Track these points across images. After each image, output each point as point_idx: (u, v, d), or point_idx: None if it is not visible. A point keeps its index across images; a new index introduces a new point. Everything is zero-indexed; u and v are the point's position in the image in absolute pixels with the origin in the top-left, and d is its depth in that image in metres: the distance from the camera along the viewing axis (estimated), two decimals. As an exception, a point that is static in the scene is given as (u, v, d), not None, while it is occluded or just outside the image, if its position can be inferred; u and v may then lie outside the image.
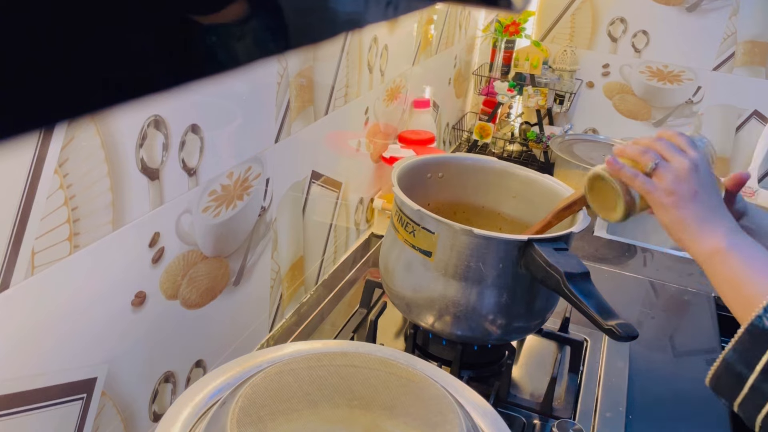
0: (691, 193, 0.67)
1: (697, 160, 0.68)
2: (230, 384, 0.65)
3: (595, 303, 0.75)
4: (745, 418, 0.58)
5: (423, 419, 0.59)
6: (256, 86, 0.85)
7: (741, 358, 0.57)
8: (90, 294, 0.64)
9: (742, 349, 0.57)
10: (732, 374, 0.57)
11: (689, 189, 0.67)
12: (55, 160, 0.56)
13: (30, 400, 0.60)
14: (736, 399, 0.57)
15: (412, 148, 1.36)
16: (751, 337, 0.57)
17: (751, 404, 0.56)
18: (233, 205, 0.85)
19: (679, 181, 0.67)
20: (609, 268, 1.37)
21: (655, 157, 0.69)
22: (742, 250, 0.63)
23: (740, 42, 1.85)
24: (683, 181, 0.67)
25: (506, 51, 1.93)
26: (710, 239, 0.65)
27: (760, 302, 0.57)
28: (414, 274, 0.89)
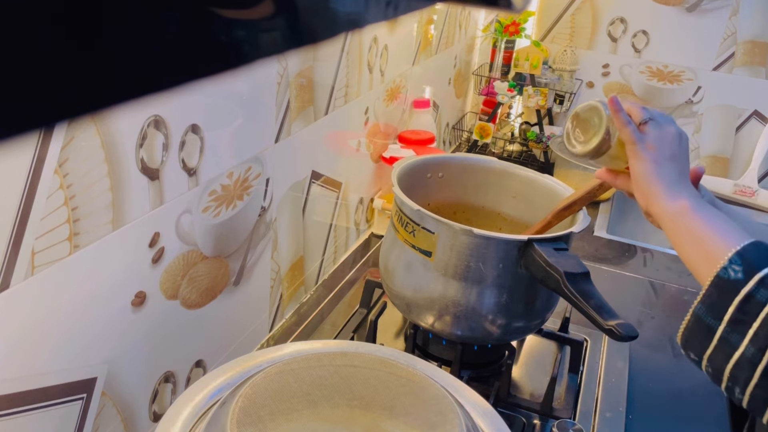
0: (670, 155, 0.70)
1: (682, 132, 0.72)
2: (230, 384, 0.65)
3: (595, 303, 0.75)
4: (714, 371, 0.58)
5: (423, 419, 0.59)
6: (256, 86, 0.85)
7: (709, 311, 0.58)
8: (90, 294, 0.64)
9: (709, 302, 0.58)
10: (702, 327, 0.58)
11: (670, 150, 0.70)
12: (55, 160, 0.56)
13: (30, 400, 0.60)
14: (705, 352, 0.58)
15: (412, 148, 1.36)
16: (717, 289, 0.57)
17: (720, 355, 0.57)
18: (233, 205, 0.85)
19: (663, 140, 0.71)
20: (609, 268, 1.37)
21: (650, 114, 0.73)
22: (706, 212, 0.65)
23: (740, 42, 1.85)
24: (666, 142, 0.71)
25: (506, 51, 1.93)
26: (678, 199, 0.67)
27: (724, 255, 0.58)
28: (414, 274, 0.89)
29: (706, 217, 0.65)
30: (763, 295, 0.55)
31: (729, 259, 0.58)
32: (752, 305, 0.55)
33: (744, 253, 0.58)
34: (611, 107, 0.73)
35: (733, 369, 0.56)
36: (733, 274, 0.57)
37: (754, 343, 0.55)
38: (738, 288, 0.56)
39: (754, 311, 0.55)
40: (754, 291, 0.55)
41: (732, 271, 0.57)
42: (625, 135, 0.72)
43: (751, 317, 0.55)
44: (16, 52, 0.13)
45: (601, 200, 1.68)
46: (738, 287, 0.56)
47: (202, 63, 0.18)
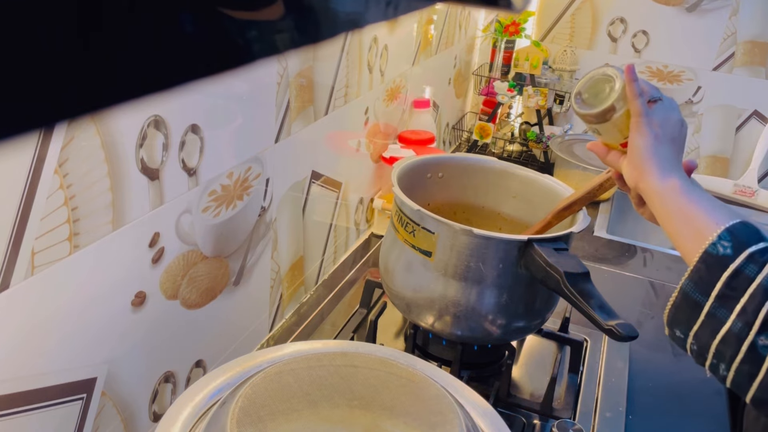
0: (671, 137, 0.71)
1: (684, 121, 0.73)
2: (230, 384, 0.65)
3: (595, 303, 0.75)
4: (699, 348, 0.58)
5: (423, 419, 0.59)
6: (256, 86, 0.85)
7: (697, 287, 0.58)
8: (90, 294, 0.64)
9: (697, 278, 0.58)
10: (689, 303, 0.58)
11: (671, 133, 0.71)
12: (55, 160, 0.56)
13: (30, 400, 0.60)
14: (692, 328, 0.58)
15: (412, 148, 1.36)
16: (705, 265, 0.58)
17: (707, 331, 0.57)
18: (233, 205, 0.85)
19: (668, 121, 0.71)
20: (609, 268, 1.37)
21: (660, 95, 0.73)
22: (697, 192, 0.66)
23: (740, 42, 1.85)
24: (670, 124, 0.71)
25: (506, 51, 1.93)
26: (669, 177, 0.68)
27: (714, 231, 0.58)
28: (414, 274, 0.89)
29: (697, 197, 0.65)
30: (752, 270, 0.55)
31: (718, 235, 0.58)
32: (740, 280, 0.55)
33: (733, 230, 0.58)
34: (627, 75, 0.73)
35: (719, 344, 0.56)
36: (722, 250, 0.57)
37: (741, 318, 0.54)
38: (726, 263, 0.56)
39: (742, 286, 0.55)
40: (742, 266, 0.55)
41: (721, 246, 0.57)
42: (634, 106, 0.72)
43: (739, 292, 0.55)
44: (17, 52, 0.13)
45: (601, 200, 1.68)
46: (726, 263, 0.56)
47: (202, 63, 0.18)
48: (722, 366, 0.56)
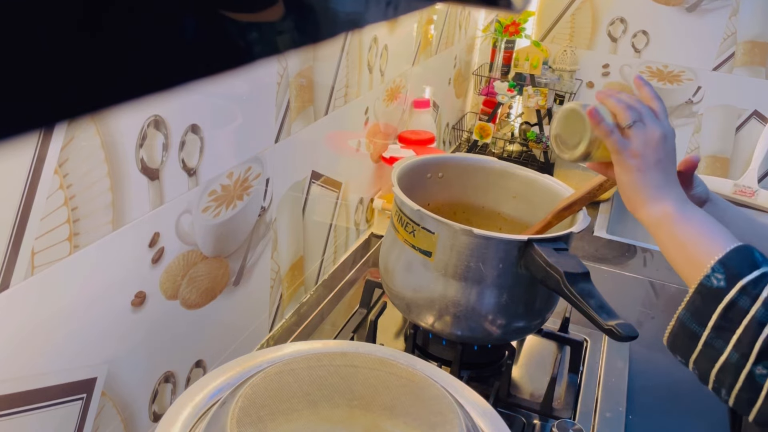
0: (655, 161, 0.69)
1: (668, 131, 0.71)
2: (230, 384, 0.65)
3: (595, 303, 0.75)
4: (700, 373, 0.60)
5: (423, 419, 0.59)
6: (256, 86, 0.85)
7: (693, 317, 0.59)
8: (90, 294, 0.64)
9: (693, 309, 0.59)
10: (686, 333, 0.60)
11: (655, 156, 0.69)
12: (55, 160, 0.56)
13: (30, 400, 0.60)
14: (691, 356, 0.60)
15: (412, 148, 1.36)
16: (701, 296, 0.59)
17: (705, 359, 0.58)
18: (233, 205, 0.85)
19: (648, 146, 0.69)
20: (609, 268, 1.37)
21: (635, 116, 0.71)
22: (691, 217, 0.66)
23: (740, 42, 1.85)
24: (651, 148, 0.69)
25: (506, 51, 1.93)
26: (662, 205, 0.67)
27: (708, 262, 0.59)
28: (414, 274, 0.89)
29: (690, 222, 0.65)
30: (745, 303, 0.56)
31: (711, 267, 0.59)
32: (735, 312, 0.56)
33: (726, 261, 0.58)
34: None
35: (718, 373, 0.57)
36: (716, 282, 0.58)
37: (738, 349, 0.56)
38: (721, 296, 0.57)
39: (737, 318, 0.56)
40: (736, 298, 0.56)
41: (715, 279, 0.58)
42: (608, 144, 0.71)
43: (734, 324, 0.56)
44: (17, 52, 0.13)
45: (601, 200, 1.68)
46: (721, 295, 0.57)
47: (202, 63, 0.18)
48: (723, 391, 0.58)
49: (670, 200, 0.67)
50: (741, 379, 0.56)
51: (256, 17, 0.19)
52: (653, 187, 0.69)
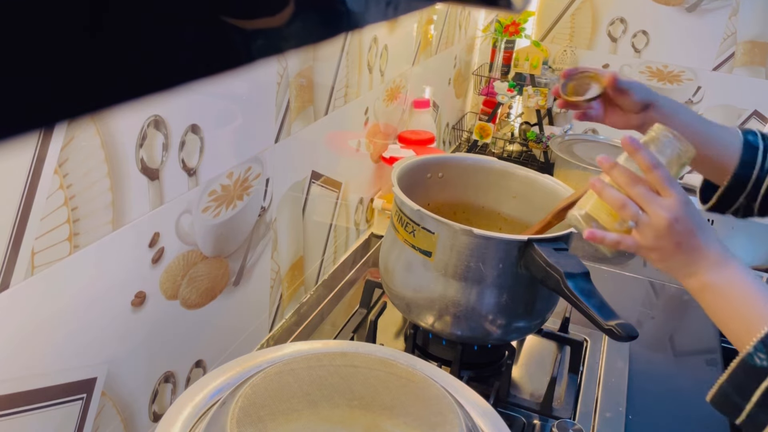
0: (674, 246, 0.67)
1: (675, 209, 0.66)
2: (230, 384, 0.65)
3: (595, 303, 0.75)
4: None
5: (423, 419, 0.59)
6: (256, 86, 0.85)
7: (736, 391, 0.61)
8: (90, 294, 0.64)
9: (736, 382, 0.61)
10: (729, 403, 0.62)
11: (671, 243, 0.67)
12: (55, 160, 0.56)
13: (30, 400, 0.60)
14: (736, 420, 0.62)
15: (412, 148, 1.36)
16: (744, 372, 0.60)
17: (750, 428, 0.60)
18: (233, 205, 0.85)
19: (660, 237, 0.67)
20: (609, 268, 1.37)
21: (634, 211, 0.68)
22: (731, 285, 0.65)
23: (740, 42, 1.85)
24: (664, 237, 0.67)
25: (506, 51, 1.93)
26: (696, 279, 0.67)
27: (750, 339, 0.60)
28: (414, 274, 0.89)
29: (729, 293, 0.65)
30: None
31: (754, 346, 0.59)
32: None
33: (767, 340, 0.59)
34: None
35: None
36: (758, 362, 0.59)
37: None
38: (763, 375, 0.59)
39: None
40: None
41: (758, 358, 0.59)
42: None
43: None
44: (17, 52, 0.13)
45: (601, 200, 1.67)
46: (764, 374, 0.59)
47: (202, 63, 0.18)
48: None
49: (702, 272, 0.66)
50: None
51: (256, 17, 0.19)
52: (683, 266, 0.67)
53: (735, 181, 0.82)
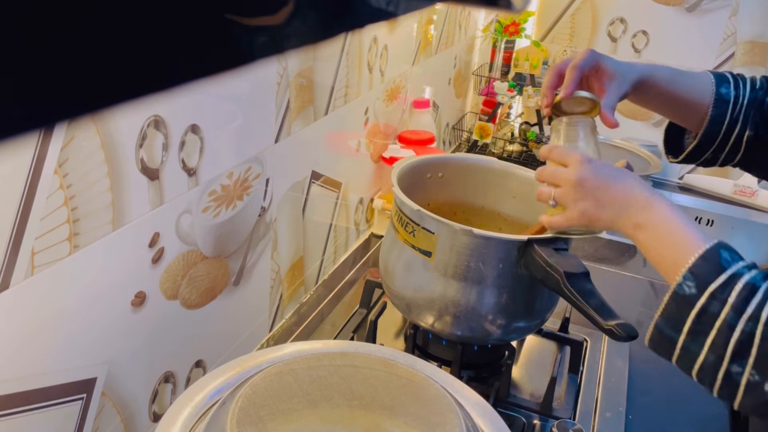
0: (594, 204, 0.73)
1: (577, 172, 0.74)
2: (230, 384, 0.65)
3: (595, 303, 0.75)
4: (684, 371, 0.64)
5: (423, 419, 0.59)
6: (256, 86, 0.85)
7: (669, 324, 0.62)
8: (90, 294, 0.64)
9: (669, 315, 0.63)
10: (664, 338, 0.63)
11: (589, 202, 0.73)
12: (55, 160, 0.56)
13: (30, 400, 0.60)
14: (672, 358, 0.63)
15: (412, 148, 1.36)
16: (675, 303, 0.62)
17: (685, 361, 0.62)
18: (233, 205, 0.85)
19: (576, 201, 0.74)
20: (609, 268, 1.37)
21: (547, 191, 0.77)
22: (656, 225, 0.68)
23: (740, 42, 1.85)
24: (580, 200, 0.73)
25: (506, 51, 1.93)
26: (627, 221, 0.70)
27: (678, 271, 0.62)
28: (414, 274, 0.89)
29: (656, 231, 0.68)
30: (716, 307, 0.59)
31: (683, 275, 0.62)
32: (707, 316, 0.60)
33: (694, 270, 0.61)
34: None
35: (698, 372, 0.61)
36: (687, 290, 0.61)
37: (713, 351, 0.59)
38: (693, 302, 0.61)
39: (709, 322, 0.59)
40: (707, 304, 0.60)
41: (686, 287, 0.61)
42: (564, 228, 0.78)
43: (708, 327, 0.59)
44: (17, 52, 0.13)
45: (601, 200, 1.67)
46: (693, 302, 0.61)
47: (202, 63, 0.18)
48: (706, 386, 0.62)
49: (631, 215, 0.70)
50: (719, 378, 0.59)
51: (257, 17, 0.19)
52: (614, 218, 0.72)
53: (704, 138, 0.85)
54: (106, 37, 0.15)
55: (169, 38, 0.16)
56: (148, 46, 0.16)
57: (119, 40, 0.15)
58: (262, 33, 0.19)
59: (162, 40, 0.16)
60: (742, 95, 0.83)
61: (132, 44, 0.15)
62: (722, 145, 0.85)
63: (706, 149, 0.86)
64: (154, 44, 0.16)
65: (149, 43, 0.16)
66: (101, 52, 0.15)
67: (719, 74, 0.85)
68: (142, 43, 0.16)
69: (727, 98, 0.83)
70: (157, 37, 0.16)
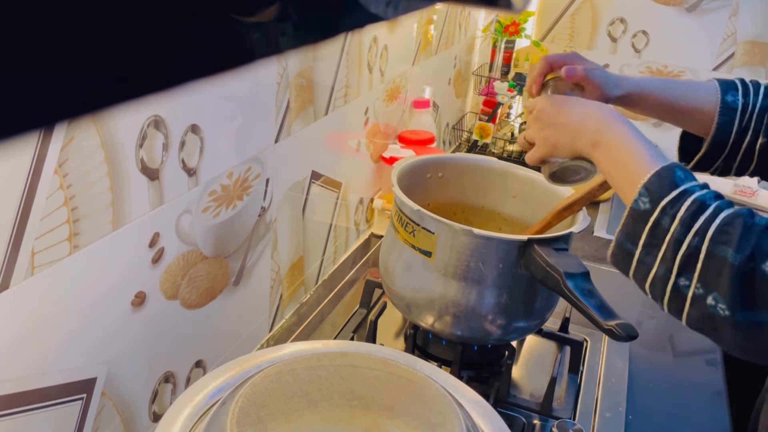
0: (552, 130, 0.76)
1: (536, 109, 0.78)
2: (230, 384, 0.65)
3: (595, 303, 0.75)
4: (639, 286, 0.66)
5: (423, 419, 0.59)
6: (256, 86, 0.85)
7: (627, 238, 0.65)
8: (90, 294, 0.64)
9: (627, 230, 0.65)
10: (623, 252, 0.66)
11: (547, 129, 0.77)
12: (55, 160, 0.56)
13: (30, 400, 0.60)
14: (629, 272, 0.66)
15: (412, 148, 1.36)
16: (632, 219, 0.65)
17: (639, 275, 0.65)
18: (233, 206, 0.85)
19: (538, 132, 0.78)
20: (609, 268, 1.37)
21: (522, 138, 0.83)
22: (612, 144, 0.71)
23: (740, 42, 1.85)
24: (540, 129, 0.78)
25: (506, 51, 1.93)
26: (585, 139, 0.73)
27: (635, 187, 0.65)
28: (414, 274, 0.89)
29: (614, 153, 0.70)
30: (666, 222, 0.62)
31: (638, 192, 0.64)
32: (659, 231, 0.62)
33: (649, 186, 0.64)
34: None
35: (650, 286, 0.64)
36: (642, 206, 0.64)
37: (663, 264, 0.62)
38: (647, 217, 0.63)
39: (661, 236, 0.62)
40: (659, 218, 0.62)
41: (641, 203, 0.64)
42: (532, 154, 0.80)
43: (659, 241, 0.62)
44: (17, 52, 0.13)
45: (601, 200, 1.68)
46: (647, 216, 0.63)
47: (202, 63, 0.18)
48: (658, 301, 0.65)
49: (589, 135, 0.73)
50: (668, 290, 0.62)
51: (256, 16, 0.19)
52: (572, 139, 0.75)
53: (713, 146, 0.85)
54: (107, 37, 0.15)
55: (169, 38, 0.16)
56: (148, 45, 0.16)
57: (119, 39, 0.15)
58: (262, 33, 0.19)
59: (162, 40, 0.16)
60: (752, 103, 0.83)
61: (132, 44, 0.15)
62: (733, 153, 0.85)
63: (716, 157, 0.86)
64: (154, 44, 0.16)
65: (149, 43, 0.16)
66: (101, 52, 0.15)
67: (726, 82, 0.85)
68: (142, 43, 0.16)
69: (734, 106, 0.83)
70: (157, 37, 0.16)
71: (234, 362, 0.69)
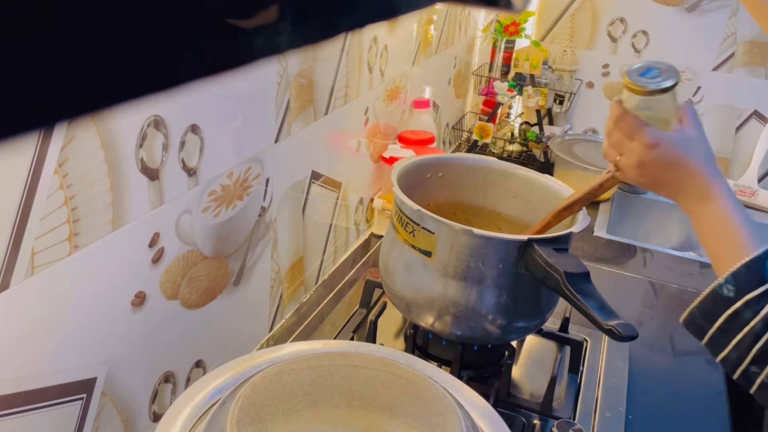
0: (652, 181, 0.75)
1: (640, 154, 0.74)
2: (230, 384, 0.65)
3: (595, 303, 0.75)
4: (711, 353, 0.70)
5: (423, 419, 0.59)
6: (256, 86, 0.85)
7: (703, 316, 0.68)
8: (90, 294, 0.64)
9: (704, 308, 0.68)
10: (696, 326, 0.69)
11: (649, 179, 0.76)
12: (55, 160, 0.56)
13: (30, 400, 0.60)
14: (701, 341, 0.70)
15: (412, 148, 1.36)
16: (712, 301, 0.67)
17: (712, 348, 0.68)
18: (233, 205, 0.85)
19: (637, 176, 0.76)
20: (609, 268, 1.37)
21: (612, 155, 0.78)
22: (708, 217, 0.72)
23: (740, 42, 1.85)
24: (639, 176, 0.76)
25: (506, 51, 1.93)
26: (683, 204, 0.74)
27: (724, 271, 0.66)
28: (414, 274, 0.89)
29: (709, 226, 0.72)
30: (748, 315, 0.64)
31: (725, 278, 0.66)
32: (739, 320, 0.65)
33: (737, 275, 0.66)
34: None
35: (722, 360, 0.68)
36: (726, 292, 0.66)
37: (736, 350, 0.65)
38: (728, 304, 0.66)
39: (739, 326, 0.65)
40: (741, 310, 0.65)
41: (726, 289, 0.66)
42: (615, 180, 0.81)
43: (736, 329, 0.65)
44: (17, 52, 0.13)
45: (601, 200, 1.68)
46: (728, 303, 0.66)
47: (202, 63, 0.18)
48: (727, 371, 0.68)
49: (687, 200, 0.73)
50: (738, 372, 0.66)
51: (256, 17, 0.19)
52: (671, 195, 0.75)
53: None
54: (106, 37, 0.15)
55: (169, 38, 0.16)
56: (148, 45, 0.16)
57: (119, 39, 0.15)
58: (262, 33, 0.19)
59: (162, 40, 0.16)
60: None
61: (132, 44, 0.15)
62: None
63: None
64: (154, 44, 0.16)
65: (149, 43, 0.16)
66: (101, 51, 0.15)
67: None
68: (142, 43, 0.16)
69: None
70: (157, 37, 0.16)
71: (234, 362, 0.69)
